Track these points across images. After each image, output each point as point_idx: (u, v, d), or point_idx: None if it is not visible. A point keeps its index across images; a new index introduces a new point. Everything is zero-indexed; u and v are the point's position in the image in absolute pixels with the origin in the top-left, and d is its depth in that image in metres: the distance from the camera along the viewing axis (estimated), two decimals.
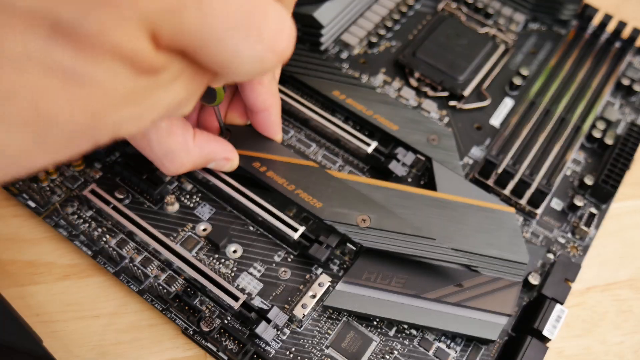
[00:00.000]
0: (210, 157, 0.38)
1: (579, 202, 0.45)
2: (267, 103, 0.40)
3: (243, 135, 0.42)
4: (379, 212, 0.40)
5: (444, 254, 0.39)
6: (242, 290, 0.39)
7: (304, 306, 0.38)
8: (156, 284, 0.39)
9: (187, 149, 0.36)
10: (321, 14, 0.50)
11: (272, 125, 0.42)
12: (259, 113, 0.41)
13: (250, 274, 0.40)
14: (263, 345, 0.37)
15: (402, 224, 0.39)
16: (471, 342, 0.39)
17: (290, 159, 0.42)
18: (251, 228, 0.42)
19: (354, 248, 0.41)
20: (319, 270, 0.41)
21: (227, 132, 0.42)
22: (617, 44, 0.55)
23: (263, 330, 0.36)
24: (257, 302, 0.39)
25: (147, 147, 0.36)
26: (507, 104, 0.51)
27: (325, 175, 0.41)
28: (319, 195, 0.40)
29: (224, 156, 0.39)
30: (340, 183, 0.41)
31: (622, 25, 0.54)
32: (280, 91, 0.47)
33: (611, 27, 0.55)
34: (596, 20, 0.55)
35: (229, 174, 0.41)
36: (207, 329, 0.37)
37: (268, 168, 0.41)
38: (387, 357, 0.38)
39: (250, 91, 0.39)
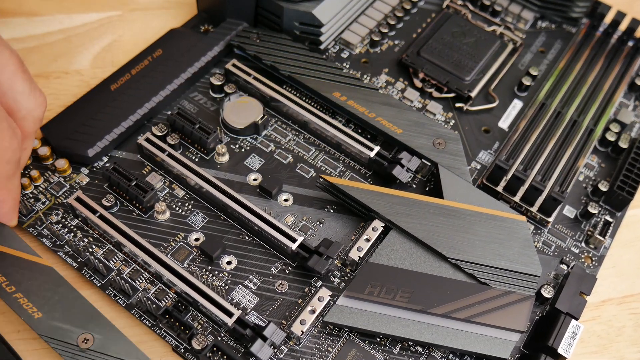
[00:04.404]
0: None
1: (593, 209, 0.43)
2: None
3: None
4: (106, 332, 0.34)
5: None
6: (237, 305, 0.37)
7: (302, 322, 0.36)
8: (145, 298, 0.36)
9: None
10: (321, 11, 0.48)
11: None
12: None
13: (246, 287, 0.38)
14: None
15: (131, 351, 0.33)
16: None
17: (25, 254, 0.36)
18: (246, 238, 0.40)
19: (357, 260, 0.39)
20: (319, 283, 0.39)
21: None
22: (630, 43, 0.52)
23: (259, 348, 0.34)
24: (253, 317, 0.37)
25: None
26: (516, 105, 0.49)
27: (57, 279, 0.36)
28: (40, 303, 0.35)
29: None
30: (71, 291, 0.35)
31: (635, 23, 0.52)
32: (278, 92, 0.45)
33: (624, 25, 0.52)
34: (608, 18, 0.53)
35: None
36: (199, 347, 0.34)
37: None
38: None
39: None
